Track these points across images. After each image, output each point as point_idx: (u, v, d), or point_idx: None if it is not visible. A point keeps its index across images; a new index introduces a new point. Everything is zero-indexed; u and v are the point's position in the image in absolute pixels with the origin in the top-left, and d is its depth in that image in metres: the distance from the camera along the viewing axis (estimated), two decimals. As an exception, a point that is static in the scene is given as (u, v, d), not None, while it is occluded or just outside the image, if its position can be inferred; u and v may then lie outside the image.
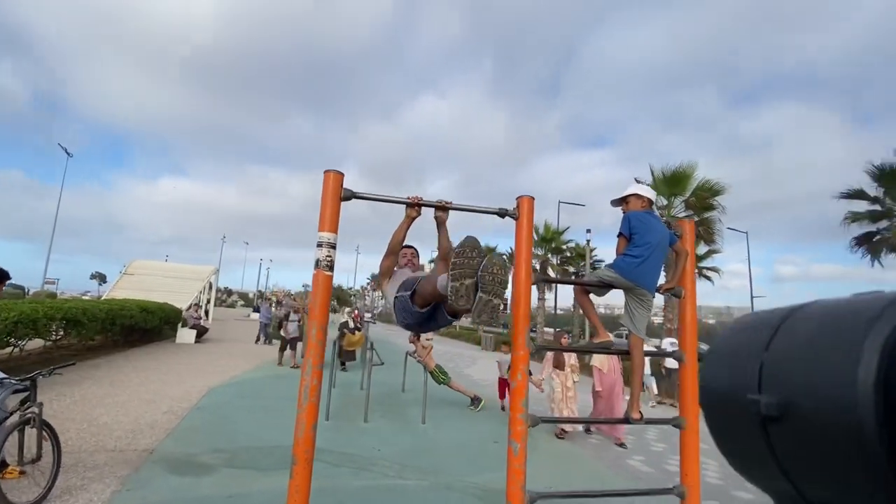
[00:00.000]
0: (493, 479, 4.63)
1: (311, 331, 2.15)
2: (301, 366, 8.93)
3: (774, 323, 0.42)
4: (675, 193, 12.72)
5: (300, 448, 2.13)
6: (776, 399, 0.38)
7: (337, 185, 2.25)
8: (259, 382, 8.65)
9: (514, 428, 2.31)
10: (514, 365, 2.40)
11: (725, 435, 0.45)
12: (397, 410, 7.29)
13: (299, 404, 2.17)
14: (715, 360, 0.47)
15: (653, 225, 2.64)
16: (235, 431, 5.43)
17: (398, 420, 6.70)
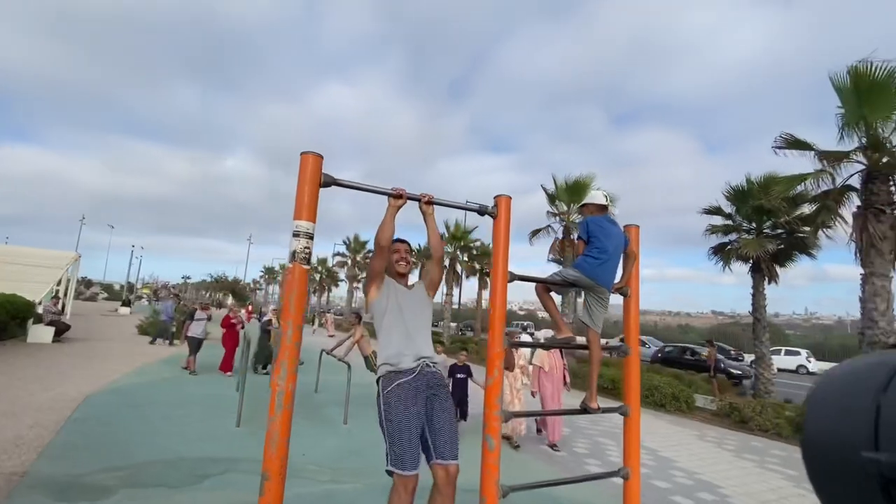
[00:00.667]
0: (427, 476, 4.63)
1: (287, 331, 1.93)
2: (195, 372, 7.93)
3: (890, 366, 0.36)
4: (575, 201, 13.94)
5: (273, 463, 1.91)
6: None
7: (316, 169, 2.05)
8: (148, 388, 7.56)
9: (489, 423, 2.33)
10: (489, 363, 2.41)
11: (837, 500, 0.38)
12: (314, 412, 6.91)
13: (271, 412, 1.94)
14: (819, 408, 0.41)
15: (610, 229, 2.84)
16: (130, 445, 4.67)
17: (318, 422, 6.36)
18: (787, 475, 5.66)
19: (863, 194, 7.72)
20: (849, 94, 7.63)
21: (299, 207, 2.03)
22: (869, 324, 7.44)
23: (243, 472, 4.28)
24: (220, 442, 5.03)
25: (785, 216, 11.05)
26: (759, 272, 11.83)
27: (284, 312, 1.96)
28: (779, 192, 9.22)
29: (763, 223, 12.09)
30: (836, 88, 7.79)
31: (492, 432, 2.30)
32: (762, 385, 11.36)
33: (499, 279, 2.45)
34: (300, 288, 1.98)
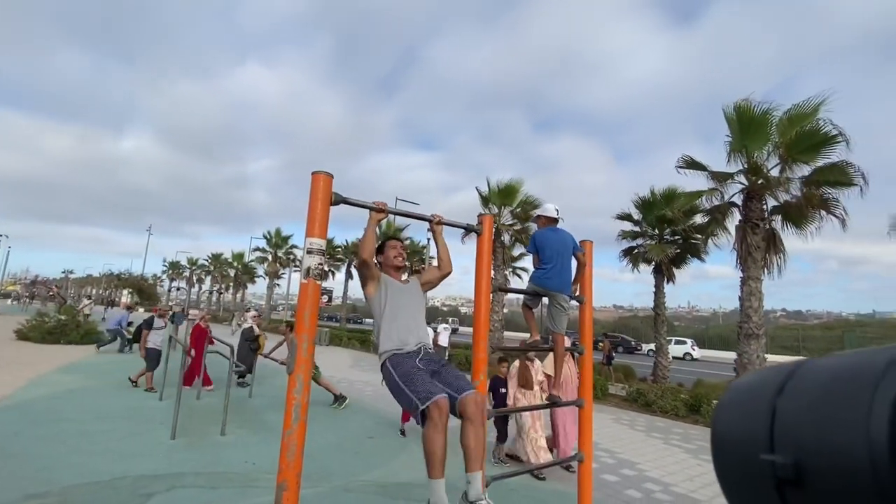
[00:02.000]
0: (385, 474, 4.77)
1: (303, 344, 1.99)
2: (153, 389, 7.25)
3: (786, 372, 0.40)
4: (506, 204, 14.71)
5: (291, 472, 1.97)
6: (791, 459, 0.35)
7: (327, 189, 2.14)
8: (53, 402, 6.69)
9: (476, 423, 2.56)
10: (475, 368, 2.66)
11: (739, 497, 0.41)
12: (253, 418, 6.66)
13: (288, 425, 1.99)
14: (725, 411, 0.44)
15: (553, 239, 3.23)
16: (47, 469, 4.20)
17: (259, 429, 6.14)
18: (686, 449, 6.64)
19: (743, 210, 9.20)
20: (734, 126, 9.03)
21: (311, 225, 2.10)
22: (745, 318, 8.91)
23: (191, 486, 4.09)
24: (158, 457, 4.70)
25: (682, 225, 12.71)
26: (660, 273, 13.46)
27: (299, 326, 2.02)
28: (681, 205, 10.60)
29: (664, 230, 13.75)
30: (726, 119, 9.18)
31: (478, 430, 2.54)
32: (660, 371, 12.97)
33: (482, 289, 2.71)
34: (314, 303, 2.05)
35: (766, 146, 8.81)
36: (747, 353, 8.67)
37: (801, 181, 8.64)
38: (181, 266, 49.86)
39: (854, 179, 8.24)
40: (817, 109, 8.39)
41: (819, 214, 8.61)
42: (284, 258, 29.62)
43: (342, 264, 27.23)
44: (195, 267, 47.41)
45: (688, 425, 8.52)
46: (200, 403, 7.21)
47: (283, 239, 29.38)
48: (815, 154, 8.38)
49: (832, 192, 8.43)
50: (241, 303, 36.20)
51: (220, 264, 40.17)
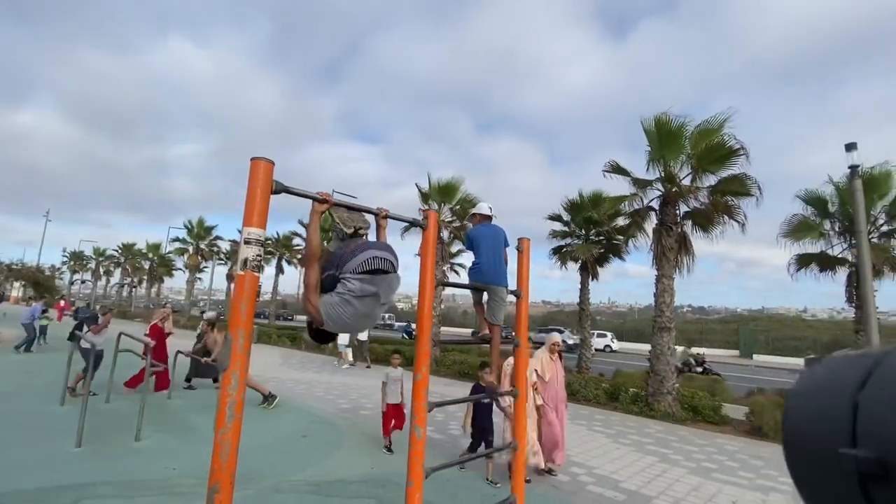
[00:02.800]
0: (317, 472, 4.65)
1: (238, 339, 1.90)
2: (83, 395, 6.46)
3: (867, 365, 0.38)
4: (446, 201, 14.87)
5: (224, 474, 1.87)
6: (875, 453, 0.33)
7: (267, 176, 2.05)
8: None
9: (417, 414, 2.61)
10: (418, 361, 2.68)
11: (817, 496, 0.39)
12: (173, 421, 6.19)
13: (221, 423, 1.88)
14: (798, 406, 0.42)
15: (486, 234, 3.38)
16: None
17: (178, 431, 5.73)
18: (607, 434, 7.17)
19: (659, 215, 10.05)
20: (653, 137, 9.82)
21: (249, 214, 2.00)
22: (659, 313, 9.75)
23: (103, 497, 3.74)
24: (61, 467, 4.24)
25: (606, 227, 13.63)
26: (586, 271, 14.34)
27: (235, 320, 1.92)
28: (607, 209, 11.35)
29: (590, 231, 14.65)
30: (645, 131, 9.96)
31: (420, 423, 2.59)
32: (584, 363, 13.84)
33: (427, 283, 2.74)
34: (251, 296, 1.97)
35: (681, 157, 9.68)
36: (660, 344, 9.50)
37: (709, 190, 9.61)
38: (86, 257, 44.61)
39: (751, 190, 9.30)
40: (722, 125, 9.35)
41: (723, 220, 9.63)
42: (207, 250, 27.56)
43: (272, 258, 25.95)
44: (103, 258, 42.59)
45: (608, 412, 9.18)
46: (110, 408, 6.57)
47: (207, 230, 27.25)
48: (720, 165, 9.36)
49: (734, 200, 9.46)
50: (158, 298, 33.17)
51: (133, 255, 36.42)
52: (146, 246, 33.46)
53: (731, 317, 58.72)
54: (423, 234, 2.82)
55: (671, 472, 5.46)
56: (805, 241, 11.14)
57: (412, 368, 2.76)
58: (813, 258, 11.18)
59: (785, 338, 36.85)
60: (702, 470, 5.65)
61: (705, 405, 8.99)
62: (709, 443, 7.16)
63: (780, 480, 5.44)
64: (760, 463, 6.16)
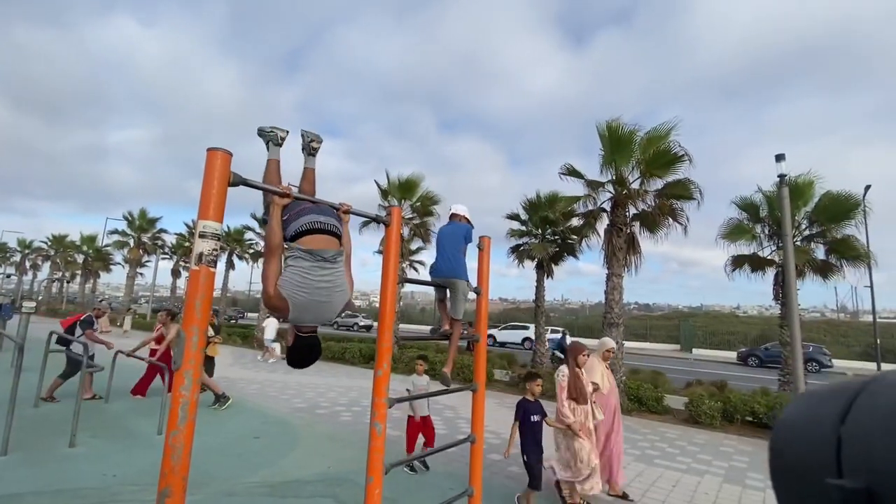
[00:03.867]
0: (272, 473, 4.54)
1: (192, 337, 1.83)
2: (86, 399, 5.92)
3: (849, 395, 0.37)
4: (406, 198, 14.81)
5: (176, 477, 1.80)
6: (862, 483, 0.32)
7: (224, 167, 1.99)
8: None
9: (378, 411, 2.62)
10: (379, 357, 2.69)
11: None
12: (112, 425, 5.82)
13: (173, 425, 1.81)
14: (785, 436, 0.42)
15: (444, 233, 3.50)
16: None
17: (119, 436, 5.39)
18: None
19: (611, 216, 10.52)
20: (606, 142, 10.27)
21: (205, 207, 1.93)
22: (609, 310, 10.22)
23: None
24: (-19, 478, 3.88)
25: (562, 226, 14.09)
26: (542, 269, 14.76)
27: (189, 317, 1.86)
28: (561, 208, 11.74)
29: (546, 231, 15.08)
30: (599, 136, 10.39)
31: (380, 419, 2.60)
32: (539, 358, 14.26)
33: (389, 280, 2.75)
34: (207, 292, 1.90)
35: (631, 161, 10.17)
36: (609, 339, 9.97)
37: (655, 193, 10.16)
38: (8, 248, 40.60)
39: (693, 194, 9.94)
40: (669, 133, 9.92)
41: (668, 222, 10.22)
42: (151, 244, 25.86)
43: (223, 253, 24.77)
44: (29, 250, 38.93)
45: (561, 405, 9.52)
46: (40, 412, 6.09)
47: (150, 221, 25.52)
48: (666, 170, 9.92)
49: (678, 203, 10.06)
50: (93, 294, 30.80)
51: (65, 248, 33.54)
52: (80, 238, 30.93)
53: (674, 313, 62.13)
54: (386, 231, 2.83)
55: (618, 460, 5.76)
56: (740, 242, 12.00)
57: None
58: (746, 259, 12.06)
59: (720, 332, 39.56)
60: (645, 457, 6.00)
61: (649, 396, 9.52)
62: (651, 431, 7.60)
63: (714, 464, 5.87)
64: (696, 448, 6.62)
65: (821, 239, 11.36)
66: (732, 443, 7.15)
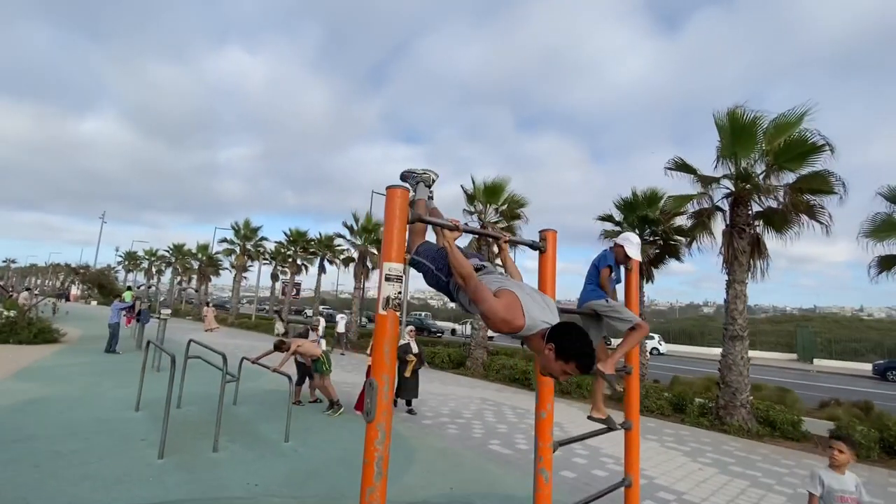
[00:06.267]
0: (398, 491, 4.52)
1: (383, 387, 1.73)
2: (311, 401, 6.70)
3: None
4: (491, 202, 14.58)
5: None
6: None
7: (404, 205, 1.86)
8: (18, 415, 6.02)
9: (543, 456, 2.39)
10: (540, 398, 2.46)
11: None
12: (244, 430, 6.22)
13: (369, 481, 1.71)
14: None
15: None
16: (27, 498, 3.71)
17: (253, 443, 5.73)
18: (683, 451, 6.75)
19: (730, 215, 9.42)
20: (725, 132, 9.20)
21: (388, 247, 1.82)
22: (731, 321, 9.15)
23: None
24: (145, 481, 4.26)
25: (664, 226, 12.98)
26: (640, 273, 13.72)
27: (378, 364, 1.75)
28: (672, 208, 10.77)
29: (645, 231, 13.99)
30: (717, 125, 9.33)
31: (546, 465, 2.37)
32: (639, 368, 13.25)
33: (548, 313, 2.51)
34: (393, 337, 1.79)
35: (754, 153, 9.02)
36: (732, 353, 8.91)
37: (786, 188, 8.91)
38: (138, 257, 46.95)
39: (835, 188, 8.57)
40: (801, 118, 8.63)
41: (801, 220, 8.92)
42: (253, 251, 28.35)
43: (315, 258, 26.42)
44: (154, 258, 44.74)
45: (675, 425, 8.70)
46: (180, 413, 6.69)
47: (253, 230, 28.02)
48: (801, 162, 8.65)
49: (815, 199, 8.74)
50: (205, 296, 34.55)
51: (183, 255, 38.06)
52: (196, 246, 34.92)
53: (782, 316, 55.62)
54: (541, 258, 2.60)
55: (769, 500, 5.03)
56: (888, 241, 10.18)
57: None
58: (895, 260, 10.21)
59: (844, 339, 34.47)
60: (800, 497, 5.18)
61: (783, 419, 8.37)
62: (796, 463, 6.61)
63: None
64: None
65: None
66: (908, 486, 5.99)
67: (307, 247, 25.95)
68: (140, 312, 13.43)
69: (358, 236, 19.42)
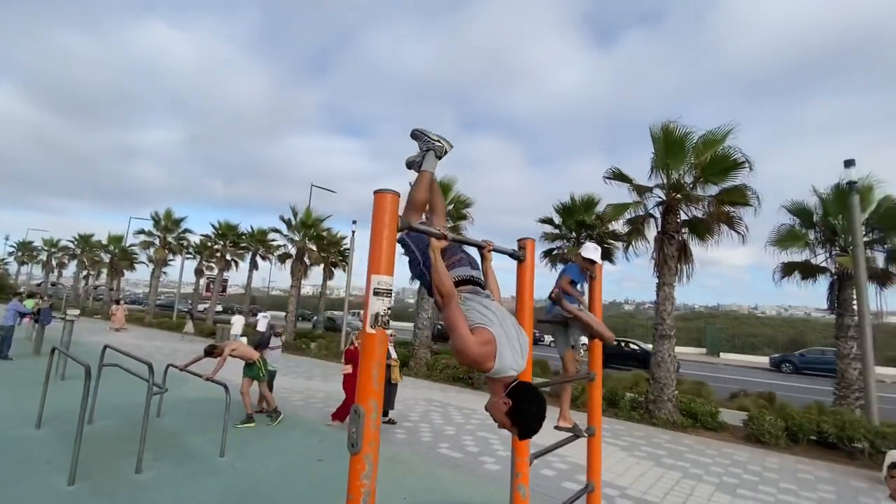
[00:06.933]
0: None
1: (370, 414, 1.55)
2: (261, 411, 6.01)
3: None
4: (439, 201, 14.53)
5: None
6: None
7: (394, 212, 1.70)
8: None
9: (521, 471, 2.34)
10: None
11: None
12: (171, 445, 5.63)
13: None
14: None
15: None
16: None
17: (183, 459, 5.20)
18: (620, 446, 7.11)
19: (661, 223, 10.10)
20: (659, 145, 9.84)
21: (376, 259, 1.65)
22: (660, 321, 9.83)
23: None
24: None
25: (599, 230, 13.69)
26: (578, 274, 14.37)
27: (365, 389, 1.58)
28: (612, 215, 11.31)
29: (581, 234, 14.68)
30: (653, 138, 9.96)
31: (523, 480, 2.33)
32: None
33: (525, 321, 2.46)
34: (382, 359, 1.63)
35: (685, 165, 9.74)
36: (661, 351, 9.57)
37: (710, 199, 9.71)
38: (34, 247, 41.28)
39: (751, 201, 9.47)
40: (725, 137, 9.46)
41: (721, 229, 9.77)
42: (176, 244, 25.97)
43: (246, 253, 24.82)
44: (55, 249, 39.50)
45: (609, 419, 9.17)
46: (93, 430, 5.91)
47: (175, 222, 25.60)
48: (724, 176, 9.47)
49: (734, 210, 9.61)
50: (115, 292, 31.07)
51: (91, 247, 33.95)
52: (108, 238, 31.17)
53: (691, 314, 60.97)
54: (520, 268, 2.55)
55: (700, 490, 5.43)
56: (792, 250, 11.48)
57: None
58: (797, 266, 11.54)
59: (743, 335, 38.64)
60: (725, 486, 5.65)
61: (703, 411, 9.12)
62: (717, 453, 7.23)
63: (802, 495, 5.50)
64: (774, 475, 6.24)
65: (880, 246, 10.79)
66: (807, 468, 6.76)
67: (238, 241, 24.26)
68: (40, 312, 11.76)
69: (296, 231, 18.46)
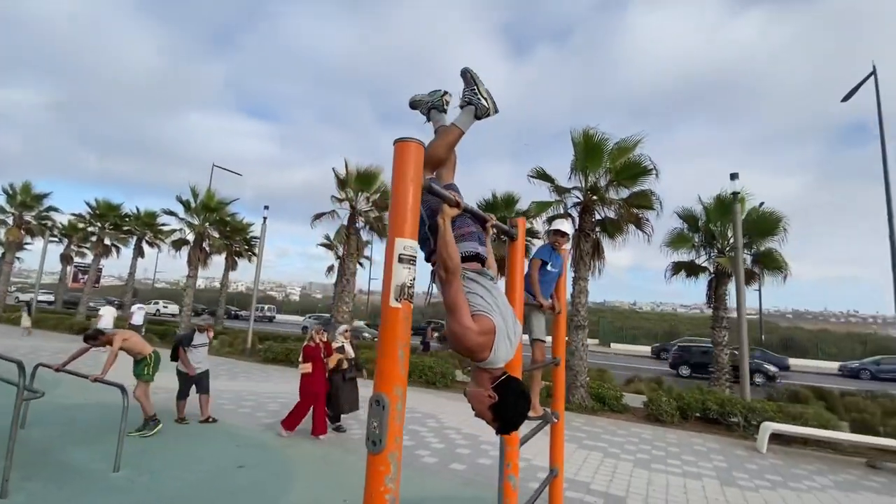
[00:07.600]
0: None
1: (395, 403, 1.30)
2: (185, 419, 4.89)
3: None
4: (363, 190, 13.98)
5: None
6: None
7: (419, 164, 1.46)
8: None
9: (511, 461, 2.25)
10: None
11: None
12: (44, 460, 4.62)
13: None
14: None
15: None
16: None
17: (64, 476, 4.27)
18: (546, 432, 7.42)
19: (578, 221, 10.78)
20: (579, 148, 10.48)
21: (401, 220, 1.40)
22: (575, 312, 10.48)
23: None
24: None
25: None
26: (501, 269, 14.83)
27: (390, 372, 1.33)
28: (535, 212, 11.77)
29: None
30: (573, 143, 10.56)
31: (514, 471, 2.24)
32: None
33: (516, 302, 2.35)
34: (407, 336, 1.38)
35: (601, 169, 10.49)
36: (575, 341, 10.23)
37: (621, 202, 10.59)
38: None
39: (654, 205, 10.51)
40: (636, 145, 10.38)
41: (629, 229, 10.71)
42: (36, 224, 21.63)
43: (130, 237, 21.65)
44: None
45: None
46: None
47: (36, 197, 21.28)
48: (634, 181, 10.38)
49: (641, 212, 10.59)
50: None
51: None
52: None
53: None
54: (511, 246, 2.43)
55: (622, 468, 5.84)
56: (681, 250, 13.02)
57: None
58: (684, 265, 13.12)
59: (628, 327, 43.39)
60: (640, 462, 6.16)
61: (610, 395, 9.92)
62: (626, 432, 7.89)
63: (701, 466, 6.20)
64: (676, 448, 6.97)
65: (747, 250, 12.64)
66: (700, 441, 7.66)
67: (120, 224, 21.05)
68: None
69: (195, 215, 16.43)
